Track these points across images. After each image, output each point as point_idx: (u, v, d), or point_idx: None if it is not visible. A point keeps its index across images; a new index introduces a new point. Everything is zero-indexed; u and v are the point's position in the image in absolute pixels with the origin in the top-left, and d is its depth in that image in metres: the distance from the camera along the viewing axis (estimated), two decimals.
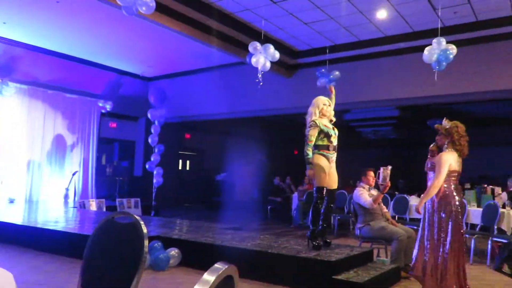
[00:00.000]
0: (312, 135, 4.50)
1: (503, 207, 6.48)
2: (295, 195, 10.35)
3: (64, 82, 10.75)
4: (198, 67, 11.47)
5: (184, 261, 4.99)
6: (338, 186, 4.79)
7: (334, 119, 4.73)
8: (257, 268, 4.47)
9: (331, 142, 4.55)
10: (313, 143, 4.50)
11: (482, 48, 8.10)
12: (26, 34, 9.23)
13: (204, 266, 1.24)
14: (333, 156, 4.59)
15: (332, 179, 4.61)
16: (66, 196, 10.34)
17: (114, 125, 12.40)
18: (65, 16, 8.04)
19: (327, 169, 4.51)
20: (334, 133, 4.60)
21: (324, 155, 4.52)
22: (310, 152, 4.47)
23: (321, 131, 4.52)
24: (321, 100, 4.69)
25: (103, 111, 11.48)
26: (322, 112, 4.62)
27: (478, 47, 8.11)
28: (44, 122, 10.40)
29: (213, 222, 7.97)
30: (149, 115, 11.38)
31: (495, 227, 6.07)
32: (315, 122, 4.52)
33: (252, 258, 4.54)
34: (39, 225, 6.15)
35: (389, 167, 4.62)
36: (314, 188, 4.58)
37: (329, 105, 4.69)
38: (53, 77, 10.51)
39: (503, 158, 12.89)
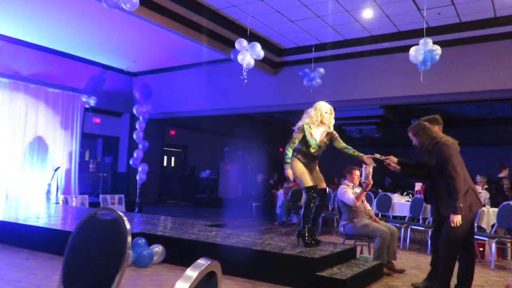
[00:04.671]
0: (296, 138, 4.50)
1: (483, 205, 6.62)
2: (280, 192, 10.38)
3: (47, 76, 10.57)
4: (183, 63, 11.40)
5: (168, 258, 4.97)
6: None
7: (332, 129, 4.64)
8: (241, 265, 4.47)
9: (308, 151, 4.52)
10: (295, 145, 4.51)
11: (465, 49, 8.24)
12: (8, 27, 9.04)
13: (188, 263, 1.24)
14: (311, 163, 4.59)
15: (318, 178, 4.63)
16: (48, 192, 10.18)
17: (98, 120, 12.25)
18: (48, 8, 7.90)
19: (305, 170, 4.53)
20: (316, 145, 4.52)
21: (299, 160, 4.54)
22: (289, 153, 4.49)
23: (304, 137, 4.51)
24: (324, 106, 4.62)
25: (86, 106, 11.33)
26: (322, 119, 4.56)
27: (461, 48, 8.24)
28: (26, 117, 10.21)
29: (197, 219, 7.95)
30: (134, 111, 11.28)
31: (475, 225, 6.19)
32: (303, 128, 4.50)
33: (236, 255, 4.54)
34: (20, 221, 6.04)
35: (371, 165, 4.65)
36: (303, 190, 4.58)
37: (331, 113, 4.63)
38: (35, 71, 10.32)
39: (483, 158, 13.14)
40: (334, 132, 4.65)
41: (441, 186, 3.79)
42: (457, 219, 3.59)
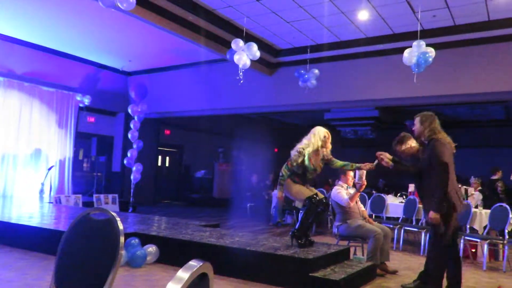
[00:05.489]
0: (295, 160, 4.57)
1: (476, 207, 6.66)
2: (275, 193, 10.38)
3: (41, 74, 10.52)
4: (178, 63, 11.39)
5: (162, 258, 4.96)
6: (317, 185, 4.84)
7: (329, 155, 4.73)
8: (235, 266, 4.48)
9: (305, 176, 4.62)
10: (292, 167, 4.58)
11: (460, 52, 8.29)
12: (2, 25, 8.98)
13: (182, 263, 1.24)
14: (305, 184, 4.68)
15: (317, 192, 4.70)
16: (41, 191, 10.12)
17: (92, 119, 12.21)
18: (43, 6, 7.86)
19: (301, 186, 4.61)
20: (314, 170, 4.62)
21: (295, 182, 4.62)
22: (285, 174, 4.56)
23: (303, 162, 4.56)
24: (322, 132, 4.69)
25: (81, 105, 11.28)
26: (321, 144, 4.62)
27: (456, 51, 8.29)
28: (20, 115, 10.15)
29: (191, 219, 7.94)
30: (129, 110, 11.24)
31: (468, 226, 6.24)
32: (303, 152, 4.55)
33: (230, 256, 4.55)
34: (12, 221, 6.01)
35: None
36: (306, 202, 4.58)
37: (328, 138, 4.69)
38: (29, 69, 10.26)
39: (477, 159, 13.23)
40: (329, 155, 4.75)
41: (427, 183, 3.81)
42: (435, 217, 3.61)
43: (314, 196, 4.57)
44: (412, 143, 4.26)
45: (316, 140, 4.63)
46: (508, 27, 7.43)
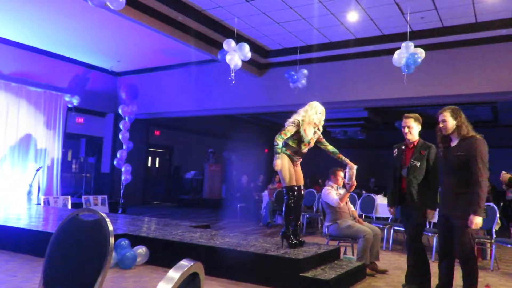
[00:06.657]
0: (289, 130, 4.49)
1: None
2: (265, 193, 10.40)
3: (29, 74, 10.39)
4: (168, 63, 11.34)
5: (152, 259, 4.94)
6: (307, 185, 4.84)
7: (321, 130, 4.74)
8: (226, 266, 4.47)
9: (300, 148, 4.57)
10: (286, 137, 4.50)
11: (448, 53, 8.38)
12: None
13: (172, 265, 1.23)
14: (298, 160, 4.65)
15: (298, 175, 4.67)
16: (29, 193, 9.98)
17: (81, 120, 12.10)
18: (31, 5, 7.77)
19: (292, 169, 4.57)
20: (308, 142, 4.59)
21: (289, 156, 4.56)
22: (280, 143, 4.44)
23: (297, 133, 4.53)
24: (319, 107, 4.68)
25: (69, 105, 11.17)
26: (315, 119, 4.61)
27: (444, 52, 8.38)
28: (7, 116, 10.01)
29: (181, 220, 7.90)
30: (120, 111, 11.16)
31: None
32: (298, 122, 4.53)
33: (221, 256, 4.54)
34: (0, 222, 5.93)
35: (355, 166, 4.71)
36: (284, 188, 4.61)
37: (322, 115, 4.68)
38: (17, 69, 10.13)
39: None
40: (320, 134, 4.75)
41: (455, 181, 3.50)
42: (478, 221, 3.28)
43: (294, 188, 4.54)
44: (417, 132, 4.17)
45: (312, 113, 4.62)
46: (495, 29, 7.53)
